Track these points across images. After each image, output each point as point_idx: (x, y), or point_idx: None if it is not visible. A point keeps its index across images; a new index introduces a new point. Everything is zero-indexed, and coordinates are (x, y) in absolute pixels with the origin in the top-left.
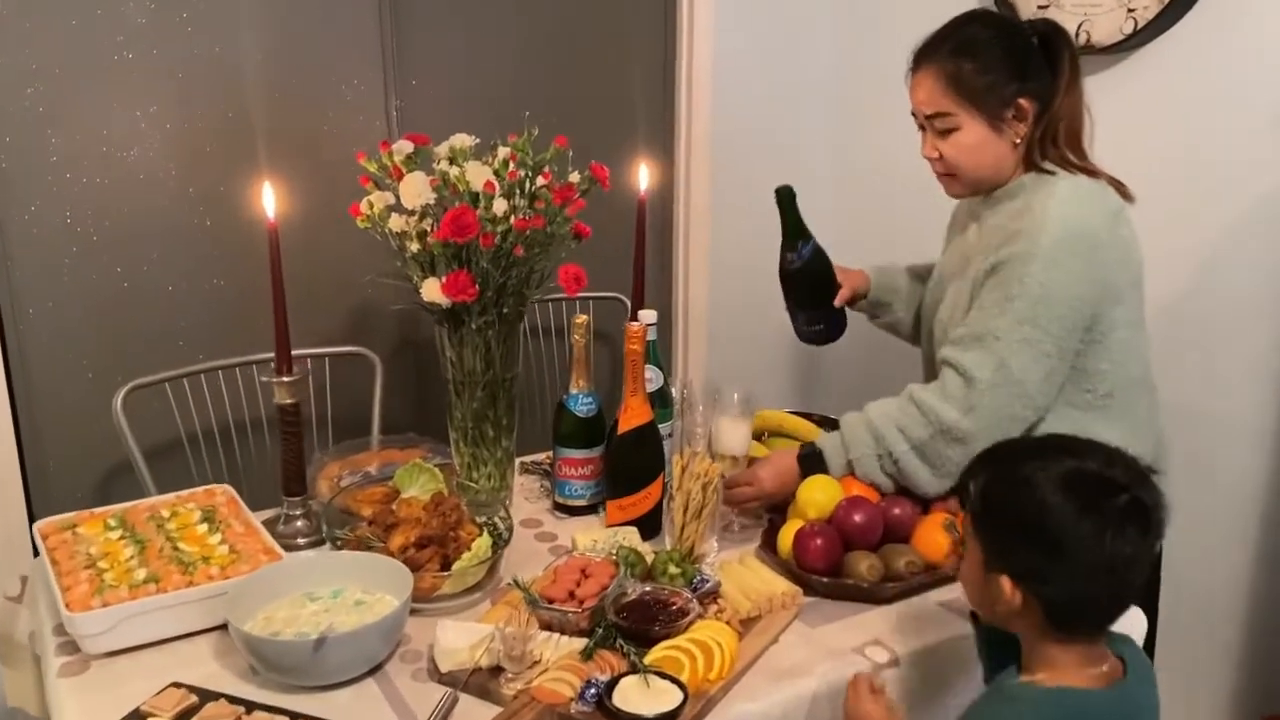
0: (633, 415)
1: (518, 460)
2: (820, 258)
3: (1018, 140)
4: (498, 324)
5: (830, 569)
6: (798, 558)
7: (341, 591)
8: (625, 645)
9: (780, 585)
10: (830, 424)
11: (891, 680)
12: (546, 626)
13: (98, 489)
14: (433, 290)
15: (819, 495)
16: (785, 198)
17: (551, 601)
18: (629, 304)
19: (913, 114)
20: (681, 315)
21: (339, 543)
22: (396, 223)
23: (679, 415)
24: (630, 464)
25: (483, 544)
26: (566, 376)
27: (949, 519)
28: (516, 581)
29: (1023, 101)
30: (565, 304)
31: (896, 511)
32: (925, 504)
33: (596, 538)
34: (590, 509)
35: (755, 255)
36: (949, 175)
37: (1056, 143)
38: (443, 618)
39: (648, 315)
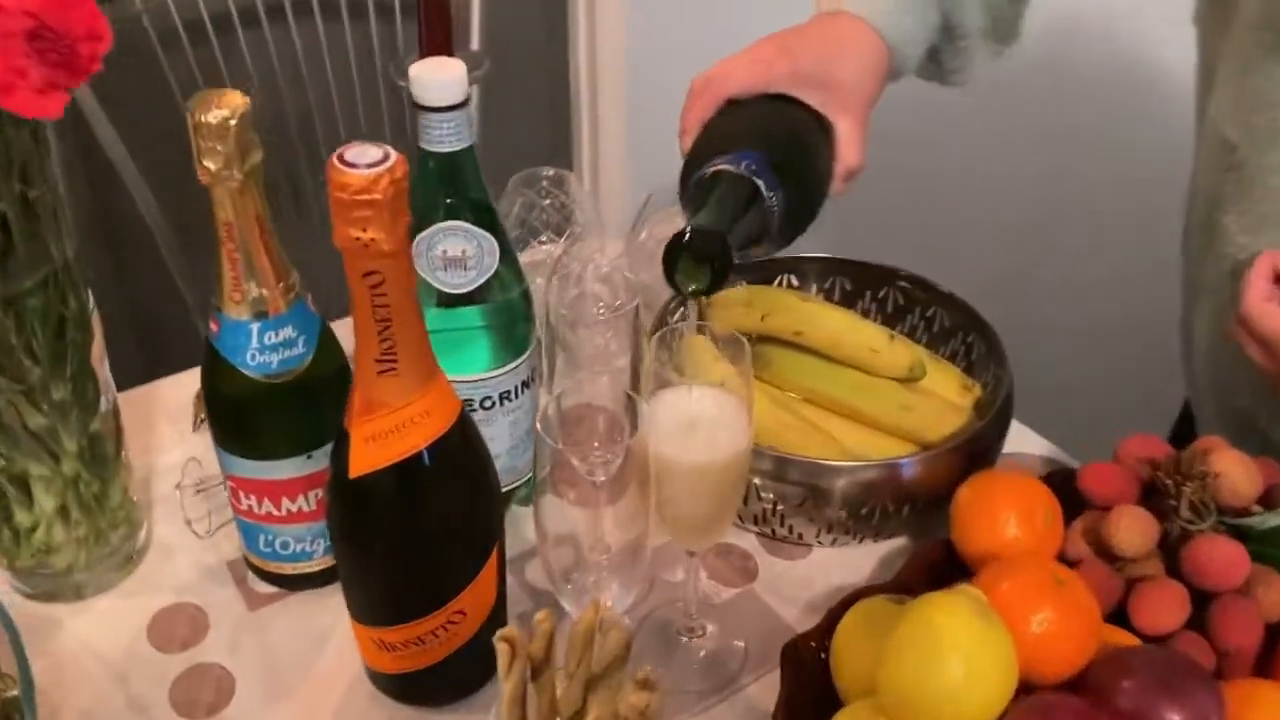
0: (388, 431)
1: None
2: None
3: None
4: None
5: None
6: None
7: None
8: None
9: None
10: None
11: None
12: None
13: None
14: None
15: (957, 674)
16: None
17: None
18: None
19: None
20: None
21: None
22: None
23: (546, 347)
24: (394, 548)
25: None
26: (213, 274)
27: None
28: None
29: None
30: None
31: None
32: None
33: None
34: (322, 578)
35: None
36: None
37: None
38: None
39: (439, 79)
